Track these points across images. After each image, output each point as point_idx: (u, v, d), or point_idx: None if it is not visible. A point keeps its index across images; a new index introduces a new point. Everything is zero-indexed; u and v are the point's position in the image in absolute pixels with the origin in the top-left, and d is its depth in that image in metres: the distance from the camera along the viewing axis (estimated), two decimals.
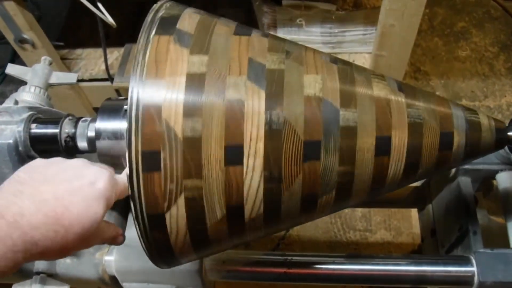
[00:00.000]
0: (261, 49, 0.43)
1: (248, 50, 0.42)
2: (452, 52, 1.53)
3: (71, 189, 0.37)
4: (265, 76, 0.41)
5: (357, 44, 1.14)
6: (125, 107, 0.46)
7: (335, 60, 0.47)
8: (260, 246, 1.18)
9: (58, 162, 0.40)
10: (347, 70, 0.45)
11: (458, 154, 0.46)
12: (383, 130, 0.43)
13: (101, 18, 0.91)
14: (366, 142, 0.43)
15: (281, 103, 0.40)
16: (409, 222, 1.20)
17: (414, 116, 0.45)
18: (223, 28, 0.44)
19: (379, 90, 0.45)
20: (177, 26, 0.43)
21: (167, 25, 0.43)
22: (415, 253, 1.12)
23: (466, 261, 0.64)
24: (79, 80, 1.11)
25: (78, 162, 0.40)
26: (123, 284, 0.68)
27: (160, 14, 0.44)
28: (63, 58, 1.21)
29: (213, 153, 0.39)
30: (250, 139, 0.39)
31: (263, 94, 0.40)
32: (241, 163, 0.39)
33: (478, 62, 1.51)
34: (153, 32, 0.42)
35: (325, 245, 1.19)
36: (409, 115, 0.45)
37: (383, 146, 0.43)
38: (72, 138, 0.51)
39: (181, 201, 0.39)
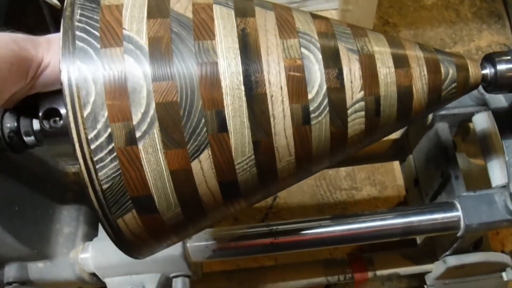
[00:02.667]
0: None
1: None
2: (419, 2, 1.52)
3: None
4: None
5: (323, 1, 1.10)
6: None
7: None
8: (248, 219, 1.17)
9: None
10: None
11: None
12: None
13: (44, 1, 0.84)
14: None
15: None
16: (392, 175, 1.20)
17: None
18: None
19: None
20: None
21: None
22: (402, 205, 1.13)
23: (450, 207, 0.64)
24: None
25: None
26: (105, 280, 0.65)
27: None
28: None
29: None
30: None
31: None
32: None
33: (445, 9, 1.51)
34: None
35: (313, 208, 1.20)
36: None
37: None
38: (16, 132, 0.46)
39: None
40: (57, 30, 0.37)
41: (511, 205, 0.61)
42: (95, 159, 0.33)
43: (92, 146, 0.33)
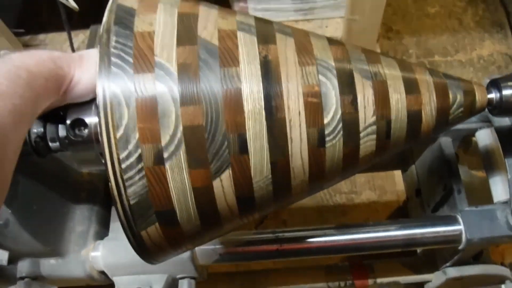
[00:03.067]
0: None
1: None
2: (422, 9, 1.53)
3: None
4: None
5: (329, 10, 1.12)
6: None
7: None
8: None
9: None
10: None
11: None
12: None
13: (61, 2, 0.85)
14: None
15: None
16: (392, 180, 1.21)
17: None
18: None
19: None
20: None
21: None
22: (401, 210, 1.14)
23: (453, 221, 0.65)
24: None
25: None
26: (113, 278, 0.67)
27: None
28: (25, 45, 1.15)
29: None
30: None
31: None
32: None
33: (448, 18, 1.52)
34: None
35: (312, 210, 1.20)
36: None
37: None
38: (42, 138, 0.48)
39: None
40: (71, 29, 0.41)
41: None
42: (125, 177, 0.35)
43: (123, 166, 0.35)
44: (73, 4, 0.84)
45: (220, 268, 0.99)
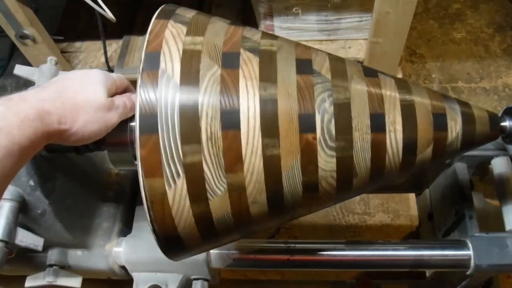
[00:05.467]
0: (254, 34, 0.47)
1: (243, 31, 0.46)
2: (448, 34, 1.53)
3: (67, 76, 0.46)
4: (258, 51, 0.44)
5: (353, 31, 1.14)
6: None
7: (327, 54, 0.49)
8: (261, 233, 1.20)
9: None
10: (339, 63, 0.47)
11: (454, 146, 0.48)
12: (377, 109, 0.45)
13: (99, 13, 0.91)
14: (361, 117, 0.44)
15: (274, 71, 0.43)
16: (406, 205, 1.21)
17: (407, 104, 0.46)
18: (218, 20, 0.48)
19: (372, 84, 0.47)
20: (176, 11, 0.46)
21: (167, 12, 0.47)
22: (413, 235, 1.13)
23: (462, 245, 0.66)
24: None
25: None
26: (132, 274, 0.70)
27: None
28: (62, 52, 1.21)
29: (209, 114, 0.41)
30: (248, 99, 0.41)
31: (257, 60, 0.43)
32: (238, 127, 0.41)
33: (474, 44, 1.51)
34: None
35: (324, 228, 1.21)
36: (402, 106, 0.46)
37: (378, 122, 0.44)
38: None
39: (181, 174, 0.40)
40: (106, 38, 0.47)
41: None
42: None
43: None
44: (110, 15, 0.90)
45: (227, 274, 1.01)
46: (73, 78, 0.45)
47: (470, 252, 0.65)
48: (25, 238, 0.57)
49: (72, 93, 0.43)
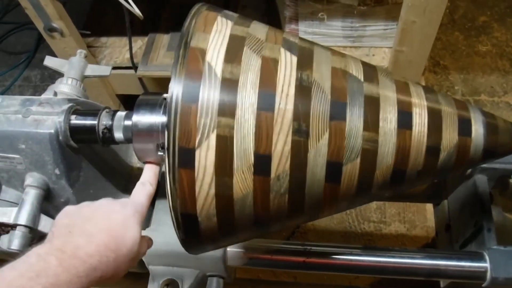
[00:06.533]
0: (293, 36, 0.50)
1: (283, 34, 0.49)
2: (473, 47, 1.51)
3: (108, 222, 0.45)
4: (297, 49, 0.47)
5: (378, 39, 1.14)
6: (164, 95, 0.50)
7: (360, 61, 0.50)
8: (276, 234, 1.20)
9: (87, 205, 0.47)
10: (371, 69, 0.49)
11: (476, 156, 0.48)
12: (405, 106, 0.46)
13: (127, 8, 0.93)
14: (390, 112, 0.46)
15: (310, 67, 0.46)
16: (423, 216, 1.20)
17: (434, 109, 0.47)
18: (258, 23, 0.51)
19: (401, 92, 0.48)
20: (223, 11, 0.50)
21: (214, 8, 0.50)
22: (429, 247, 1.13)
23: (479, 257, 0.66)
24: None
25: (103, 202, 0.48)
26: (149, 267, 0.72)
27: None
28: (88, 46, 1.24)
29: (247, 95, 0.43)
30: (282, 90, 0.43)
31: (295, 59, 0.46)
32: (272, 110, 0.43)
33: (499, 58, 1.49)
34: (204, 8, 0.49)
35: (339, 235, 1.21)
36: (429, 112, 0.47)
37: (405, 119, 0.46)
38: (109, 129, 0.54)
39: (213, 137, 0.42)
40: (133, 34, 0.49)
41: None
42: None
43: None
44: (138, 12, 0.92)
45: (240, 274, 1.02)
46: (116, 223, 0.45)
47: (487, 264, 0.65)
48: (48, 225, 0.59)
49: (115, 245, 0.43)
